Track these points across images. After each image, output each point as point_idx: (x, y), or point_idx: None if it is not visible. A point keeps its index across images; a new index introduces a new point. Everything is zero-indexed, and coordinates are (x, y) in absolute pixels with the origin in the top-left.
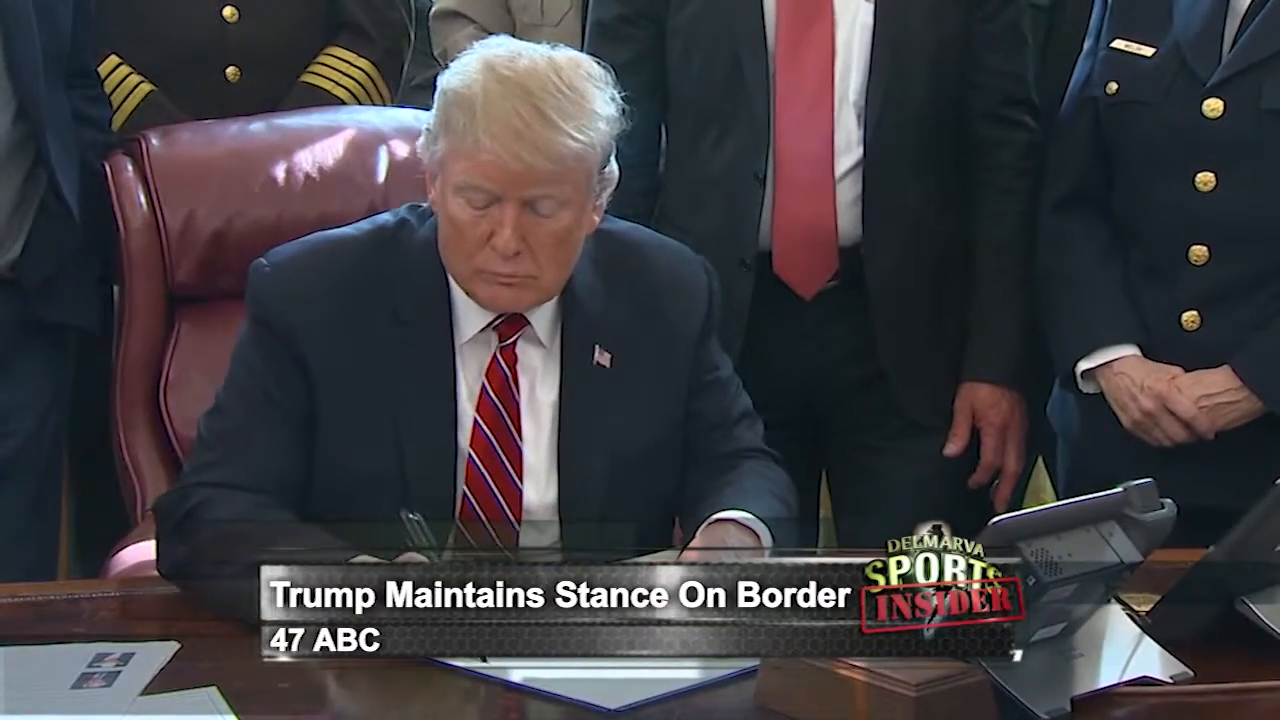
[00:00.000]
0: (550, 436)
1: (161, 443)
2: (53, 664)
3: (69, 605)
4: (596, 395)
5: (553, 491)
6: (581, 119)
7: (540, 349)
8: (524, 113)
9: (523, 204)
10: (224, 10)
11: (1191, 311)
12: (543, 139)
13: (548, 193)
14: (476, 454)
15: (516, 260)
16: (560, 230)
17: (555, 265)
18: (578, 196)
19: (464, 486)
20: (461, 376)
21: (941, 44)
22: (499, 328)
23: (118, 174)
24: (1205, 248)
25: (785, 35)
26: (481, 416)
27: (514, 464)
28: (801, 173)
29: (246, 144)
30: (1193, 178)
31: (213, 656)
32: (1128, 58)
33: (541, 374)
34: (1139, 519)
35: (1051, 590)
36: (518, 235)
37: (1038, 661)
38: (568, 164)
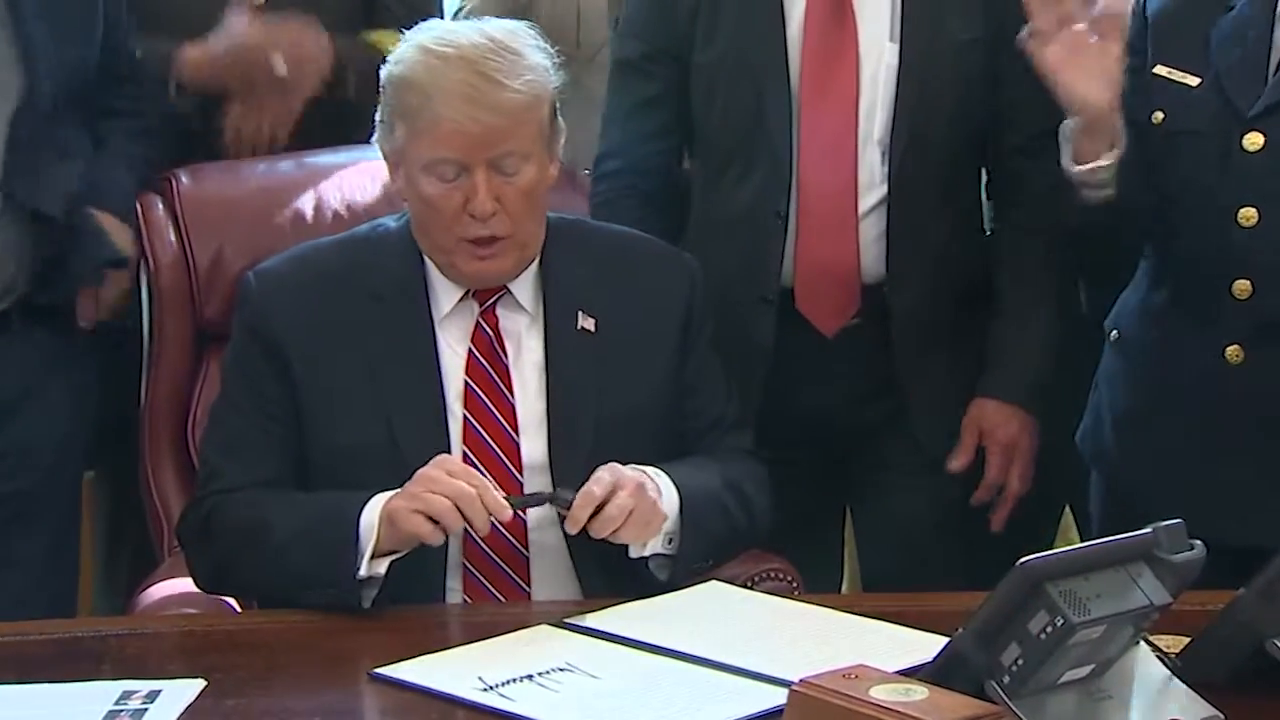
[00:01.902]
0: (539, 398)
1: (189, 479)
2: (80, 701)
3: (96, 642)
4: (582, 357)
5: (542, 446)
6: (523, 73)
7: (524, 315)
8: (471, 79)
9: (490, 166)
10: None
11: (1235, 346)
12: (493, 98)
13: (508, 149)
14: (471, 414)
15: (494, 221)
16: (527, 185)
17: (529, 221)
18: (536, 149)
19: (463, 446)
20: (447, 345)
21: (968, 82)
22: (476, 293)
23: (148, 212)
24: (1249, 282)
25: (809, 74)
26: (472, 379)
27: (509, 420)
28: (823, 211)
29: (274, 182)
30: (1235, 213)
31: (239, 694)
32: (1174, 86)
33: (526, 338)
34: (1168, 560)
35: (1079, 631)
36: (491, 196)
37: (1066, 703)
38: (520, 116)
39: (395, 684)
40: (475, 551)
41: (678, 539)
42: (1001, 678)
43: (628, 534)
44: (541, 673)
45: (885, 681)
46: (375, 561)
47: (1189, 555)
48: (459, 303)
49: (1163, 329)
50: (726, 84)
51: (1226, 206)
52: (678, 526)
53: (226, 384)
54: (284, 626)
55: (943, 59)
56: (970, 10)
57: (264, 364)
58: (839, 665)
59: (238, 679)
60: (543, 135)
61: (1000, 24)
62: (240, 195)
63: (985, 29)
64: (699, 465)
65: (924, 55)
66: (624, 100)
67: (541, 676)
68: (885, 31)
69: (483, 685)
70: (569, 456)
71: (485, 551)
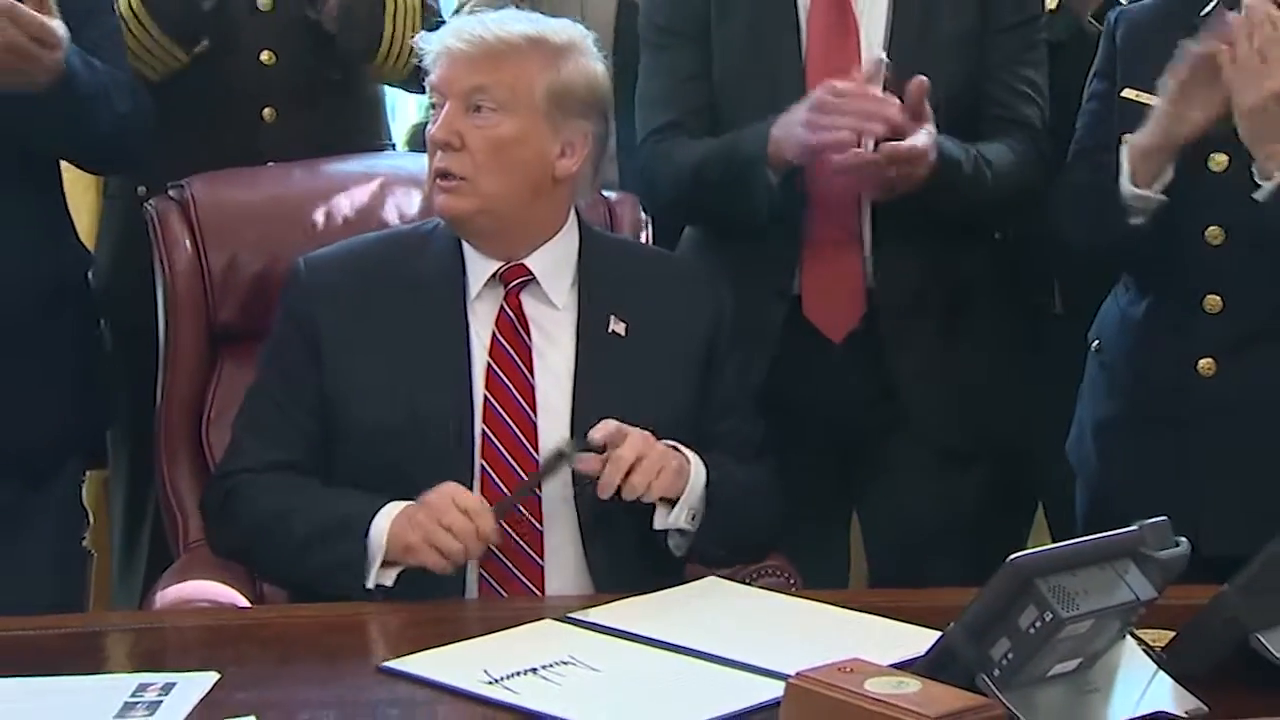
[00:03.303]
0: (565, 388)
1: (203, 478)
2: (97, 694)
3: (113, 636)
4: (611, 360)
5: (564, 435)
6: (511, 28)
7: (552, 307)
8: (457, 24)
9: (462, 102)
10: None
11: (1207, 359)
12: (468, 30)
13: (479, 84)
14: (493, 395)
15: (455, 157)
16: (496, 137)
17: (491, 173)
18: (521, 105)
19: (483, 425)
20: (475, 331)
21: (957, 76)
22: (503, 275)
23: (164, 219)
24: (1219, 297)
25: (814, 75)
26: (495, 361)
27: (528, 402)
28: (829, 215)
29: (286, 189)
30: (1203, 231)
31: (252, 687)
32: (1141, 108)
33: (555, 333)
34: (1153, 556)
35: (1068, 626)
36: (448, 126)
37: (1054, 696)
38: (496, 59)
39: (403, 677)
40: (493, 561)
41: (700, 516)
42: (992, 671)
43: (638, 479)
44: (545, 666)
45: (879, 675)
46: (383, 571)
47: (1174, 552)
48: (486, 286)
49: (1139, 341)
50: (740, 84)
51: (1194, 225)
52: (702, 504)
53: (261, 367)
54: (295, 621)
55: (930, 56)
56: (961, 5)
57: (299, 349)
58: (834, 659)
59: (251, 672)
60: (532, 98)
61: (986, 15)
62: (253, 202)
63: (974, 23)
64: (725, 462)
65: (915, 52)
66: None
67: (545, 670)
68: (882, 31)
69: (488, 678)
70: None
71: (502, 562)
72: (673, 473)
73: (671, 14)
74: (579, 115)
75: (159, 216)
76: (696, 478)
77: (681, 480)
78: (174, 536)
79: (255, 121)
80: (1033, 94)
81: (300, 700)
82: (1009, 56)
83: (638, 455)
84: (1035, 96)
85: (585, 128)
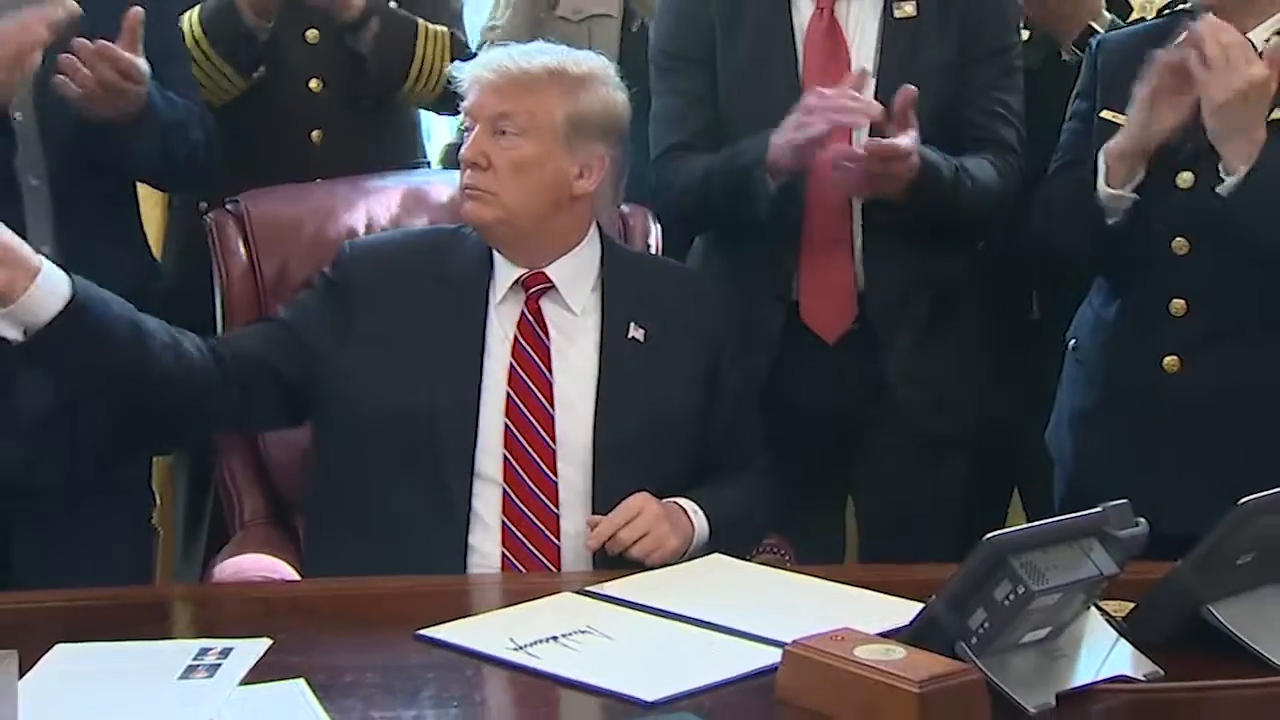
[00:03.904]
0: (587, 390)
1: (255, 463)
2: (163, 658)
3: (178, 606)
4: (631, 363)
5: (586, 433)
6: (533, 61)
7: (570, 315)
8: (493, 54)
9: (489, 126)
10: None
11: (1172, 357)
12: (495, 62)
13: (503, 111)
14: (514, 392)
15: (482, 175)
16: (519, 158)
17: (514, 189)
18: (542, 131)
19: (505, 419)
20: (499, 329)
21: (940, 100)
22: (525, 281)
23: (221, 230)
24: (1183, 301)
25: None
26: (516, 361)
27: (546, 399)
28: (824, 225)
29: (332, 203)
30: (1170, 241)
31: (301, 652)
32: (1118, 129)
33: (575, 335)
34: (1115, 535)
35: (1038, 598)
36: (477, 147)
37: (1026, 661)
38: (519, 88)
39: (437, 643)
40: (514, 541)
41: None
42: (970, 639)
43: (641, 549)
44: (564, 634)
45: (868, 643)
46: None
47: (1134, 531)
48: (510, 291)
49: (1110, 340)
50: (742, 106)
51: (1162, 236)
52: (707, 547)
53: (280, 308)
54: (340, 593)
55: (915, 81)
56: (944, 36)
57: (325, 310)
58: (827, 629)
59: (300, 638)
60: (552, 125)
61: (967, 43)
62: (301, 215)
63: (957, 52)
64: (731, 492)
65: (901, 78)
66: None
67: (564, 638)
68: (872, 60)
69: (513, 645)
70: (611, 445)
71: (522, 542)
72: (666, 534)
73: (680, 42)
74: (596, 139)
75: (217, 228)
76: (700, 533)
77: (679, 537)
78: (230, 515)
79: (305, 143)
80: (1009, 116)
81: (345, 664)
82: (987, 83)
83: (631, 515)
84: (1011, 118)
85: (602, 151)
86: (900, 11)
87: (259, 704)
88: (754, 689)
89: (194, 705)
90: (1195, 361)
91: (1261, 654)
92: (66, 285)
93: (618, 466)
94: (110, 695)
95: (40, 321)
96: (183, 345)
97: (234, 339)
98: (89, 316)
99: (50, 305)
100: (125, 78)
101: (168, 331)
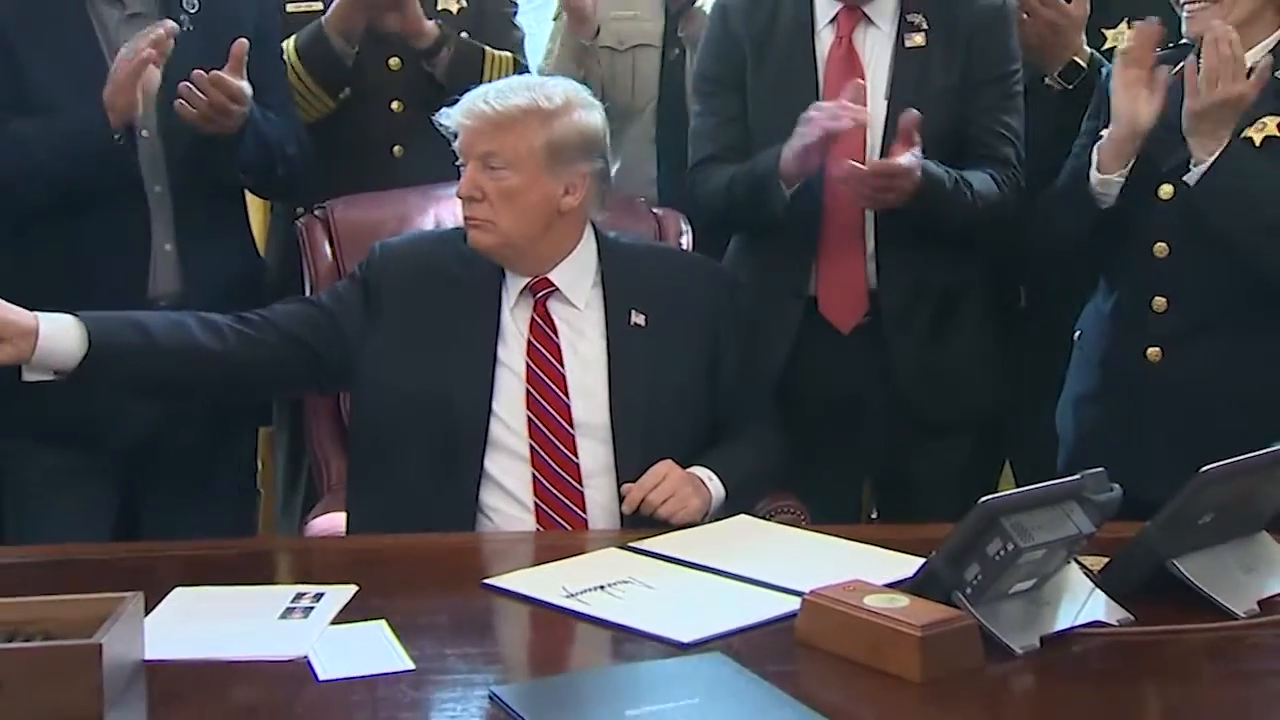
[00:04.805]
0: (600, 377)
1: (340, 433)
2: (265, 600)
3: (278, 556)
4: (635, 346)
5: (604, 413)
6: (504, 97)
7: (574, 309)
8: (470, 98)
9: (478, 163)
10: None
11: (1155, 348)
12: (475, 109)
13: (489, 149)
14: (533, 388)
15: (477, 205)
16: (507, 188)
17: (507, 215)
18: (525, 162)
19: (527, 411)
20: (513, 329)
21: (945, 121)
22: (531, 287)
23: (310, 232)
24: (1164, 299)
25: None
26: (531, 359)
27: (560, 388)
28: (840, 228)
29: (405, 208)
30: (1152, 246)
31: (382, 597)
32: None
33: (582, 327)
34: (1092, 499)
35: (1025, 554)
36: (470, 183)
37: (1014, 608)
38: (495, 124)
39: (500, 591)
40: (544, 515)
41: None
42: (965, 589)
43: (667, 510)
44: (610, 584)
45: (876, 593)
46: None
47: (1109, 495)
48: (520, 296)
49: (1105, 332)
50: (770, 125)
51: (1146, 242)
52: (723, 508)
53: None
54: (415, 546)
55: (924, 104)
56: (950, 63)
57: (356, 300)
58: (840, 580)
59: (382, 585)
60: (533, 155)
61: (972, 70)
62: (379, 219)
63: (961, 76)
64: (739, 453)
65: (911, 102)
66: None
67: (610, 587)
68: (885, 85)
69: (566, 593)
70: (626, 421)
71: (551, 516)
72: (689, 495)
73: (717, 68)
74: (576, 160)
75: (306, 231)
76: (717, 496)
77: (700, 498)
78: (320, 479)
79: (388, 157)
80: (1009, 135)
81: (420, 607)
82: (990, 105)
83: (658, 480)
84: (1011, 137)
85: (584, 169)
86: (911, 41)
87: (346, 641)
88: (776, 632)
89: (292, 641)
90: (1174, 352)
91: (1218, 601)
92: (76, 328)
93: (634, 441)
94: (220, 631)
95: (68, 366)
96: (194, 334)
97: (276, 315)
98: (106, 347)
99: (66, 348)
100: (232, 100)
101: (172, 323)
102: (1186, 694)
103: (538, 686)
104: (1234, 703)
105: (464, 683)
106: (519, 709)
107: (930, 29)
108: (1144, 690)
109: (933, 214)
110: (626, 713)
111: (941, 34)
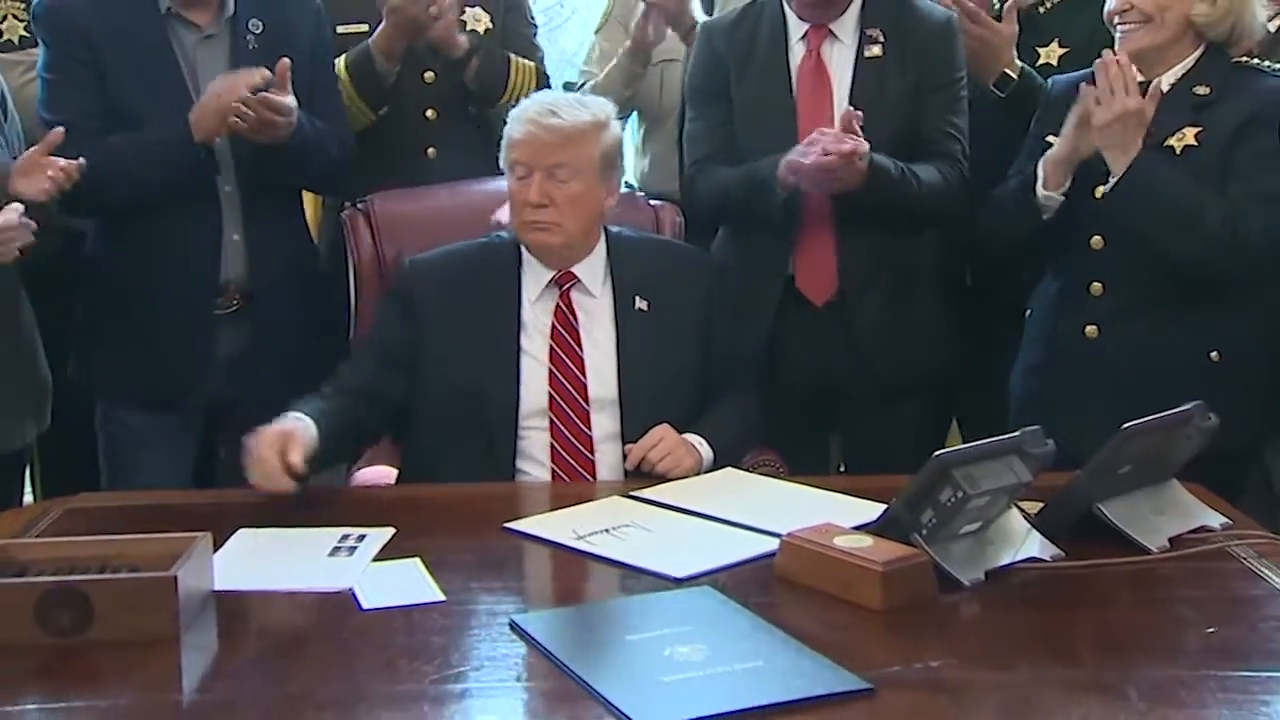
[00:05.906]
0: (610, 357)
1: None
2: (316, 540)
3: (328, 503)
4: (640, 329)
5: (613, 389)
6: (578, 115)
7: (591, 298)
8: (535, 111)
9: (546, 173)
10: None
11: (1092, 326)
12: (548, 121)
13: (559, 160)
14: (554, 367)
15: (545, 210)
16: (573, 193)
17: (573, 218)
18: (586, 171)
19: (548, 388)
20: (536, 319)
21: (900, 121)
22: (558, 280)
23: (354, 223)
24: (1101, 285)
25: (804, 120)
26: (555, 343)
27: (579, 369)
28: (815, 216)
29: (440, 202)
30: (1089, 238)
31: (416, 538)
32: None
33: (597, 314)
34: (1031, 452)
35: (973, 500)
36: (541, 191)
37: (963, 547)
38: (567, 137)
39: (518, 534)
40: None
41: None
42: (921, 531)
43: (664, 466)
44: (614, 527)
45: (845, 534)
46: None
47: (1045, 449)
48: (544, 289)
49: (1050, 312)
50: (752, 128)
51: (1084, 234)
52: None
53: (369, 330)
54: (443, 494)
55: (882, 107)
56: (904, 71)
57: (397, 320)
58: (814, 523)
59: (416, 528)
60: (593, 165)
61: (922, 77)
62: (415, 211)
63: (914, 83)
64: (724, 418)
65: (870, 104)
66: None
67: (614, 530)
68: (847, 91)
69: (575, 535)
70: (633, 395)
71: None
72: (683, 455)
73: (705, 81)
74: (616, 168)
75: (350, 222)
76: (707, 458)
77: (692, 458)
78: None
79: (423, 158)
80: (955, 134)
81: (449, 546)
82: (939, 108)
83: (657, 439)
84: (957, 135)
85: (618, 175)
86: (870, 52)
87: (386, 576)
88: (758, 569)
89: (339, 575)
90: (1109, 331)
91: (1136, 539)
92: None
93: (639, 412)
94: (278, 567)
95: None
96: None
97: (347, 381)
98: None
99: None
100: (278, 114)
101: (328, 414)
102: (1109, 618)
103: (552, 615)
104: (1149, 624)
105: (488, 612)
106: (536, 635)
107: (886, 41)
108: (1074, 615)
109: (882, 198)
110: (627, 638)
111: (896, 46)
